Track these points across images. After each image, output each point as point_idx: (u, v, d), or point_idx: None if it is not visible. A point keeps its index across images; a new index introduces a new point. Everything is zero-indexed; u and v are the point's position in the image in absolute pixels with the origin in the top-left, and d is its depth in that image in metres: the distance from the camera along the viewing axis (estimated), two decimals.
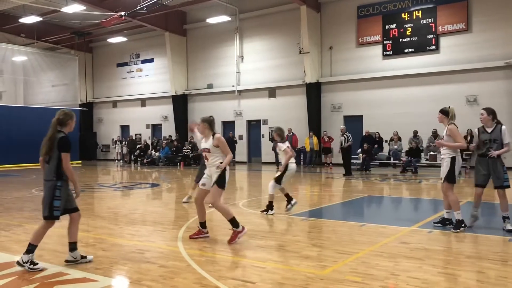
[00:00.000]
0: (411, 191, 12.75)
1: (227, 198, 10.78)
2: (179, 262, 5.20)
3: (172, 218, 8.56)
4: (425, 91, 19.91)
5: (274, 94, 24.47)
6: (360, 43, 21.88)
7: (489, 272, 4.71)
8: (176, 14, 26.86)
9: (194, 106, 27.66)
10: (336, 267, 4.93)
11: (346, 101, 22.25)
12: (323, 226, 7.60)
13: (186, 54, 28.03)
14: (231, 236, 6.17)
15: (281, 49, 24.06)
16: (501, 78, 18.49)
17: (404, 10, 20.76)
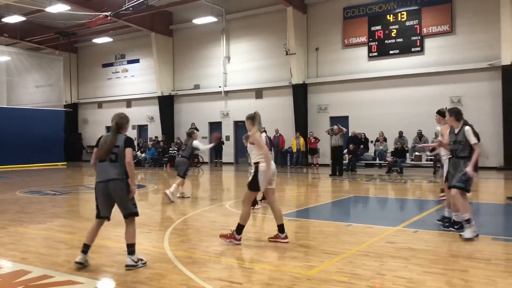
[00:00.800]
0: (397, 191, 12.87)
1: (213, 199, 10.76)
2: (165, 263, 5.17)
3: (158, 219, 8.51)
4: (410, 92, 20.10)
5: (261, 95, 24.49)
6: (346, 45, 22.02)
7: (473, 270, 4.77)
8: (162, 15, 26.73)
9: (181, 107, 27.56)
10: (323, 267, 4.95)
11: (332, 102, 22.37)
12: (310, 227, 7.63)
13: (172, 54, 27.91)
14: (227, 234, 6.12)
15: (268, 50, 24.10)
16: (485, 79, 18.76)
17: (390, 12, 20.94)
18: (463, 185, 6.25)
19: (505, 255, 5.47)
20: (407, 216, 8.69)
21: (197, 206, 9.98)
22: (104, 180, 4.95)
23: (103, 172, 4.97)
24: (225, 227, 7.43)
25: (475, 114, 17.35)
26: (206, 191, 11.90)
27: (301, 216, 8.62)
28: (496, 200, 10.60)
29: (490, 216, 8.54)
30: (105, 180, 4.94)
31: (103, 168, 4.98)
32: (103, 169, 4.98)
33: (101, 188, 4.98)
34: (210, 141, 25.68)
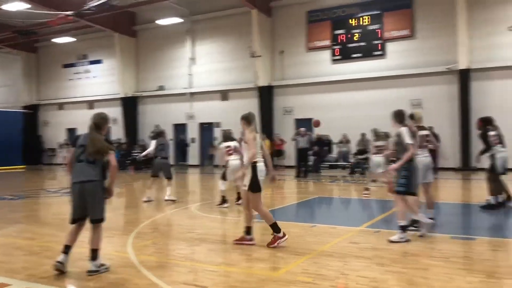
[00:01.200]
0: (360, 192, 13.09)
1: (179, 202, 10.66)
2: (129, 268, 5.08)
3: (122, 223, 8.36)
4: (372, 95, 20.54)
5: (226, 97, 24.46)
6: (310, 48, 22.29)
7: (433, 269, 4.92)
8: (126, 15, 26.29)
9: (145, 108, 27.16)
10: (288, 268, 4.99)
11: (297, 105, 22.58)
12: None
13: (136, 55, 27.48)
14: (271, 240, 6.02)
15: (233, 52, 24.10)
16: (443, 83, 19.39)
17: (352, 16, 21.34)
18: (402, 189, 6.27)
19: (463, 253, 5.67)
20: (370, 216, 8.87)
21: (162, 209, 9.86)
22: (80, 181, 4.84)
23: (79, 173, 4.85)
24: (191, 230, 7.38)
25: (434, 116, 17.90)
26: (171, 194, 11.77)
27: None
28: (454, 200, 10.97)
29: (448, 216, 8.82)
30: (81, 181, 4.83)
31: (81, 168, 4.86)
32: (80, 169, 4.86)
33: (76, 189, 4.86)
34: (177, 143, 25.46)
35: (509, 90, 18.04)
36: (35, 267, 5.16)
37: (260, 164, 6.04)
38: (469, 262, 5.20)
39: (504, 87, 18.15)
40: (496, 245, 6.04)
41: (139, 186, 16.11)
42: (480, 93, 18.48)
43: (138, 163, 23.34)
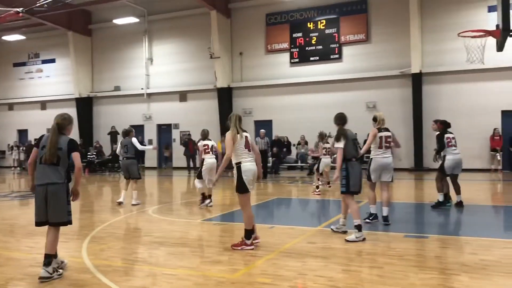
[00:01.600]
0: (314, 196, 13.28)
1: (135, 205, 10.45)
2: (84, 273, 4.94)
3: (76, 228, 8.11)
4: (330, 98, 20.93)
5: (185, 98, 24.24)
6: (269, 50, 22.45)
7: (388, 267, 5.06)
8: (80, 13, 25.57)
9: (100, 109, 26.50)
10: (247, 270, 5.00)
11: (256, 106, 22.68)
12: (234, 230, 7.66)
13: (91, 55, 26.78)
14: (237, 243, 5.99)
15: (192, 53, 23.92)
16: (397, 86, 20.02)
17: (310, 20, 21.67)
18: (343, 189, 6.57)
19: (416, 251, 5.86)
20: (327, 216, 9.02)
21: (118, 212, 9.64)
22: (44, 184, 4.73)
23: (44, 175, 4.75)
24: (149, 233, 7.26)
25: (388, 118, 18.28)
26: (128, 197, 11.52)
27: (226, 220, 8.63)
28: (407, 199, 11.34)
29: (402, 215, 9.10)
30: (45, 184, 4.73)
31: (44, 170, 4.76)
32: (43, 171, 4.76)
33: (40, 191, 4.76)
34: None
35: (458, 93, 18.86)
36: None
37: (245, 165, 5.96)
38: (422, 259, 5.38)
39: (454, 90, 18.96)
40: (447, 243, 6.28)
41: (94, 189, 15.70)
42: (432, 96, 19.21)
43: (93, 166, 22.78)
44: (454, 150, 9.16)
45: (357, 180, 6.59)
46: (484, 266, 4.99)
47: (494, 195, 12.51)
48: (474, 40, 12.39)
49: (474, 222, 8.15)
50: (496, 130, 18.01)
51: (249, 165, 5.99)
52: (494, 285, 4.43)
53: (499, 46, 11.62)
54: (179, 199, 12.38)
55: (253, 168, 6.03)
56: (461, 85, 18.88)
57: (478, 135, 18.34)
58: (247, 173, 5.94)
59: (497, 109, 18.36)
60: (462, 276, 4.66)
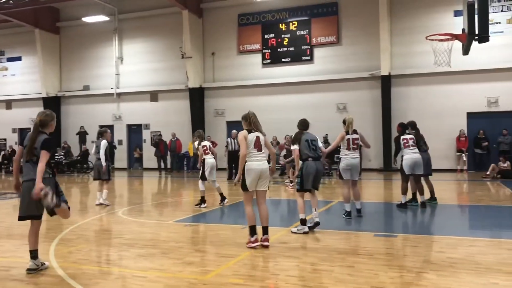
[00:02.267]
0: (289, 192, 13.37)
1: (105, 206, 10.27)
2: (51, 277, 4.81)
3: (44, 230, 7.89)
4: (301, 99, 21.09)
5: (156, 98, 23.96)
6: (241, 51, 22.44)
7: (358, 265, 5.13)
8: (48, 10, 24.92)
9: (69, 109, 25.90)
10: (219, 271, 4.98)
11: (229, 107, 22.62)
12: (206, 231, 7.62)
13: (59, 53, 26.14)
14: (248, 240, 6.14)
15: (163, 53, 23.68)
16: (366, 88, 20.34)
17: (282, 21, 21.78)
18: (298, 187, 7.16)
19: (385, 250, 5.96)
20: (298, 216, 9.06)
21: (87, 214, 9.45)
22: (28, 180, 4.91)
23: (27, 172, 4.94)
24: (119, 235, 7.14)
25: (358, 120, 18.46)
26: (106, 199, 11.31)
27: (197, 221, 8.58)
28: (376, 199, 11.53)
29: (371, 214, 9.26)
30: (29, 180, 4.89)
31: (27, 167, 4.96)
32: (27, 169, 4.95)
33: (25, 187, 4.92)
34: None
35: (426, 95, 19.31)
36: None
37: (249, 164, 6.10)
38: (391, 258, 5.48)
39: (422, 92, 19.41)
40: (415, 241, 6.42)
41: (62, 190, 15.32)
42: (400, 98, 19.61)
43: (60, 166, 22.26)
44: (411, 150, 9.42)
45: (310, 178, 7.08)
46: (451, 264, 5.12)
47: (460, 194, 12.87)
48: (441, 43, 12.71)
49: (441, 221, 8.36)
50: (462, 132, 18.53)
51: (254, 165, 6.11)
52: (461, 282, 4.55)
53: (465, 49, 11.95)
54: (150, 200, 12.22)
55: (258, 168, 6.11)
56: (429, 87, 19.34)
57: (445, 136, 18.84)
58: (249, 172, 6.10)
59: (463, 111, 18.91)
60: (430, 274, 4.77)
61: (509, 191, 12.32)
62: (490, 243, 6.28)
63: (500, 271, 4.85)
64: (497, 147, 17.98)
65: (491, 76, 18.43)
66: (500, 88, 18.38)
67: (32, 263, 4.99)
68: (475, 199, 11.15)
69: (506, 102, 18.33)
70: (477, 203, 10.38)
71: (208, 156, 10.01)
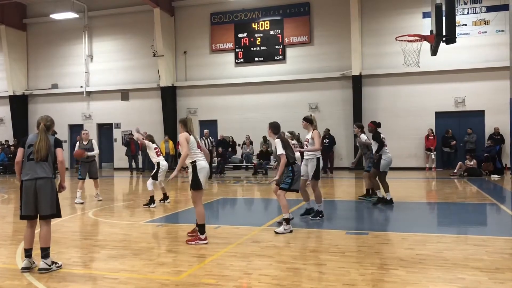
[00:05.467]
0: (262, 192, 13.43)
1: (74, 208, 10.08)
2: (17, 281, 4.68)
3: (10, 232, 7.69)
4: (274, 98, 21.18)
5: (127, 97, 23.61)
6: (213, 50, 22.35)
7: (330, 263, 5.19)
8: (14, 6, 24.22)
9: (37, 107, 25.23)
10: (191, 271, 4.95)
11: (201, 106, 22.51)
12: (179, 231, 7.55)
13: (26, 50, 25.44)
14: (191, 238, 6.27)
15: (135, 51, 23.36)
16: (337, 87, 20.58)
17: (254, 21, 21.80)
18: (286, 186, 7.06)
19: (357, 247, 6.05)
20: (271, 215, 9.11)
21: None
22: (33, 178, 5.07)
23: (31, 171, 5.09)
24: (88, 237, 7.01)
25: (330, 119, 18.97)
26: (66, 199, 11.06)
27: (170, 221, 8.50)
28: (347, 197, 11.69)
29: (343, 212, 9.38)
30: (34, 178, 5.06)
31: (32, 167, 5.10)
32: (30, 168, 5.09)
33: (28, 186, 5.07)
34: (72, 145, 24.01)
35: (396, 95, 19.70)
36: None
37: (200, 163, 6.36)
38: (362, 255, 5.56)
39: (392, 92, 19.78)
40: (386, 239, 6.54)
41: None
42: (371, 97, 19.94)
43: None
44: (387, 149, 9.58)
45: (299, 180, 7.21)
46: (420, 260, 5.24)
47: (428, 192, 13.17)
48: (411, 44, 12.98)
49: (410, 219, 8.53)
50: (430, 131, 18.97)
51: (204, 164, 6.42)
52: (429, 277, 4.66)
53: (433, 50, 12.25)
54: (121, 200, 12.04)
55: (207, 167, 6.49)
56: (399, 87, 19.73)
57: (414, 135, 19.26)
58: (202, 171, 6.33)
59: (431, 110, 19.36)
60: (400, 271, 4.87)
61: (475, 189, 12.70)
62: (457, 239, 6.45)
63: (467, 266, 4.99)
64: (464, 146, 18.51)
65: (458, 77, 18.95)
66: (467, 88, 18.92)
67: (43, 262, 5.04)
68: (443, 196, 11.44)
69: (472, 102, 18.89)
70: (445, 201, 10.65)
71: (161, 158, 10.26)
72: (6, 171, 21.99)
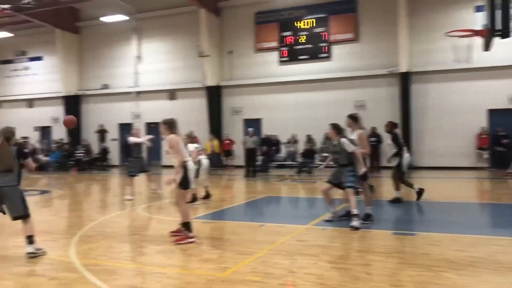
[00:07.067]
0: (306, 190, 13.37)
1: (125, 204, 10.42)
2: (72, 273, 4.90)
3: (65, 227, 8.05)
4: (318, 96, 20.99)
5: (174, 96, 24.13)
6: (258, 49, 22.43)
7: (376, 264, 5.10)
8: (68, 11, 25.29)
9: (88, 107, 26.26)
10: (236, 268, 5.00)
11: (246, 105, 22.66)
12: (224, 228, 7.67)
13: (79, 52, 26.51)
14: (179, 237, 6.29)
15: (181, 51, 23.82)
16: (384, 85, 20.13)
17: (299, 19, 21.70)
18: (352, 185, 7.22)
19: (404, 248, 5.91)
20: (316, 214, 9.05)
21: (106, 211, 9.59)
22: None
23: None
24: (136, 232, 7.24)
25: (376, 118, 18.54)
26: (117, 196, 11.47)
27: (215, 218, 8.63)
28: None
29: (389, 212, 9.18)
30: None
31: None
32: None
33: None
34: (121, 143, 24.85)
35: (446, 92, 19.02)
36: None
37: (189, 164, 6.44)
38: (410, 256, 5.43)
39: (441, 89, 19.12)
40: (435, 240, 6.34)
41: (82, 187, 15.59)
42: (420, 95, 19.36)
43: (81, 164, 22.60)
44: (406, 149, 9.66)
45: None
46: (471, 263, 5.06)
47: (480, 192, 12.66)
48: (462, 39, 12.54)
49: (461, 220, 8.23)
50: (483, 129, 18.21)
51: (192, 165, 6.54)
52: (481, 281, 4.49)
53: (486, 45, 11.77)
54: (168, 197, 12.33)
55: (194, 167, 6.68)
56: (449, 84, 19.04)
57: (464, 133, 18.54)
58: (191, 172, 6.42)
59: (484, 107, 18.56)
60: (450, 273, 4.72)
61: None
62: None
63: None
64: None
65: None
66: None
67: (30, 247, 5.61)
68: (496, 197, 10.97)
69: None
70: (498, 201, 10.20)
71: (203, 156, 10.39)
72: (61, 168, 22.99)
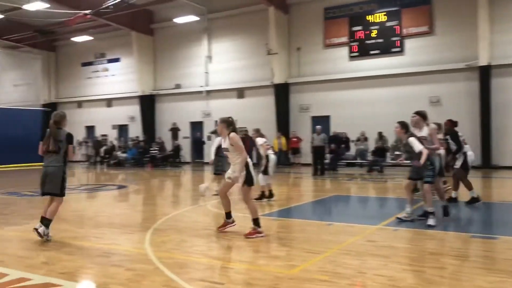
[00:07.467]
0: (377, 190, 13.00)
1: (195, 199, 10.71)
2: (146, 264, 5.12)
3: (140, 220, 8.43)
4: (390, 92, 20.32)
5: (242, 95, 24.46)
6: (327, 45, 22.14)
7: (451, 267, 4.85)
8: (143, 13, 26.49)
9: (162, 106, 27.36)
10: (304, 266, 4.97)
11: (314, 102, 22.47)
12: (292, 226, 7.64)
13: (153, 53, 27.68)
14: (249, 231, 6.43)
15: (250, 50, 24.09)
16: (462, 79, 19.07)
17: (370, 13, 21.13)
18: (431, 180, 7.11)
19: (482, 252, 5.56)
20: (388, 214, 8.76)
21: (179, 206, 9.92)
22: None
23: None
24: (207, 227, 7.41)
25: (453, 114, 17.47)
26: (188, 191, 11.84)
27: (283, 216, 8.63)
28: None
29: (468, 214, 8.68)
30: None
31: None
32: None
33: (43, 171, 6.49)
34: (193, 140, 25.64)
35: None
36: (54, 262, 5.23)
37: (249, 161, 6.50)
38: (490, 261, 5.10)
39: None
40: None
41: (156, 183, 16.24)
42: (502, 89, 18.13)
43: (155, 160, 23.59)
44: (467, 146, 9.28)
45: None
46: None
47: None
48: None
49: None
50: None
51: (251, 161, 6.54)
52: None
53: None
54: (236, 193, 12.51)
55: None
56: None
57: None
58: (252, 169, 6.49)
59: None
60: None
61: None
62: None
63: None
64: None
65: None
66: None
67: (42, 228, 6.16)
68: None
69: None
70: None
71: (271, 152, 10.38)
72: (137, 164, 24.13)
